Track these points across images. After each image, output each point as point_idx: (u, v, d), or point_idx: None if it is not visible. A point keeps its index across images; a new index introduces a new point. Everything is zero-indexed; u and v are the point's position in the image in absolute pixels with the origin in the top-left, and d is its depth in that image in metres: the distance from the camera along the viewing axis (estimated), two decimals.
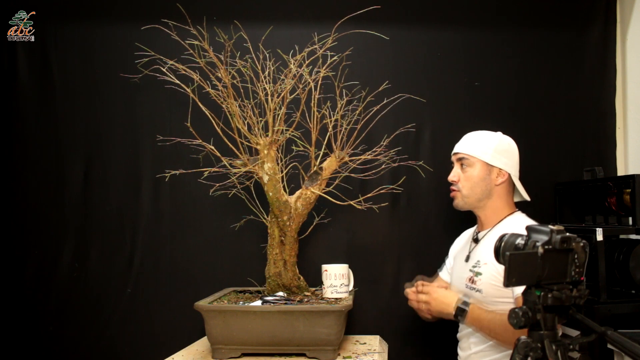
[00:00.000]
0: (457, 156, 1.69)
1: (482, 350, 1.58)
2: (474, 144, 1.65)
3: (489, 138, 1.66)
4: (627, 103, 2.09)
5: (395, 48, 2.05)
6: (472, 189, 1.64)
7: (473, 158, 1.64)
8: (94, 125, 2.05)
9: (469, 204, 1.67)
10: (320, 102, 1.77)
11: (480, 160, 1.63)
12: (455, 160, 1.70)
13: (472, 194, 1.65)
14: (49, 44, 2.05)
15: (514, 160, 1.66)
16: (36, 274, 2.02)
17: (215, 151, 1.77)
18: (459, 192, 1.67)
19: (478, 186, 1.64)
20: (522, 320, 0.94)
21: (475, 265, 1.61)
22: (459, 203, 1.68)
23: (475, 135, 1.68)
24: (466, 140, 1.69)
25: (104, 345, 2.01)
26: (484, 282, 1.55)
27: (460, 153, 1.67)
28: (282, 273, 1.76)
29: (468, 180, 1.65)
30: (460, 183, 1.66)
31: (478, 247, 1.65)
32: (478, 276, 1.58)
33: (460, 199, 1.67)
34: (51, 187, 2.03)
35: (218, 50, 1.73)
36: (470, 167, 1.64)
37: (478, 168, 1.63)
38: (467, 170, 1.65)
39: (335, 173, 1.80)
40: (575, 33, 2.11)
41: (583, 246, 0.94)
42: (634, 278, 1.67)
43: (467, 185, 1.65)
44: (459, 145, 1.70)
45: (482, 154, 1.63)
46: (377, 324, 2.00)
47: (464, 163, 1.65)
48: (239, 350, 1.58)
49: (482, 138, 1.66)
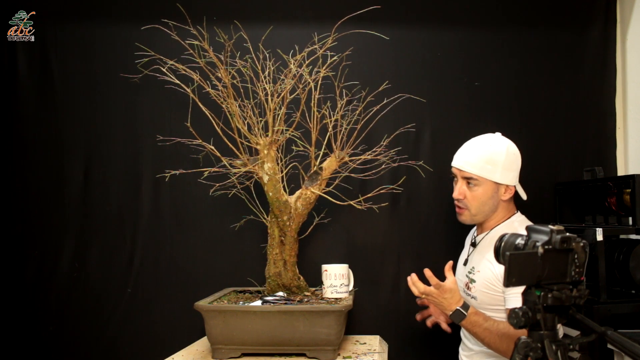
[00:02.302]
0: (462, 174, 1.60)
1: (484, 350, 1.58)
2: (481, 161, 1.55)
3: (496, 153, 1.55)
4: (627, 103, 2.09)
5: (395, 48, 2.05)
6: (480, 208, 1.58)
7: (482, 179, 1.56)
8: (94, 125, 2.05)
9: (476, 221, 1.62)
10: (320, 102, 1.77)
11: (488, 180, 1.56)
12: (460, 177, 1.61)
13: (480, 212, 1.59)
14: (49, 44, 2.05)
15: (519, 169, 1.61)
16: (36, 274, 2.02)
17: (215, 151, 1.77)
18: (467, 210, 1.60)
19: (486, 205, 1.58)
20: (522, 320, 0.93)
21: (470, 272, 1.61)
22: (466, 220, 1.62)
23: (480, 150, 1.57)
24: (471, 156, 1.58)
25: (104, 345, 2.01)
26: (478, 290, 1.55)
27: (467, 172, 1.57)
28: (282, 273, 1.76)
29: (476, 199, 1.57)
30: (467, 201, 1.59)
31: (475, 252, 1.64)
32: (472, 283, 1.58)
33: (468, 217, 1.61)
34: (51, 187, 2.03)
35: (218, 50, 1.73)
36: (478, 186, 1.56)
37: (486, 187, 1.56)
38: (475, 190, 1.57)
39: (335, 173, 1.80)
40: (575, 33, 2.10)
41: (583, 246, 0.94)
42: (634, 278, 1.67)
43: (475, 204, 1.58)
44: (464, 162, 1.59)
45: (491, 173, 1.54)
46: (377, 324, 2.00)
47: (471, 182, 1.57)
48: (239, 350, 1.58)
49: (489, 154, 1.55)
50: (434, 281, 1.49)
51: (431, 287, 1.49)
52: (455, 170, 1.63)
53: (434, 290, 1.48)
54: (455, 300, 1.48)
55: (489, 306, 1.52)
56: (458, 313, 1.47)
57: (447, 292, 1.47)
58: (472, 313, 1.47)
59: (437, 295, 1.48)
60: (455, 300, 1.48)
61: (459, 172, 1.61)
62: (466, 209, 1.60)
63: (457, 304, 1.47)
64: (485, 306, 1.53)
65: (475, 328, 1.46)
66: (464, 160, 1.59)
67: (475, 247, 1.65)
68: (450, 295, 1.47)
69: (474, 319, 1.46)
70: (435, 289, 1.48)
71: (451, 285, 1.48)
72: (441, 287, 1.47)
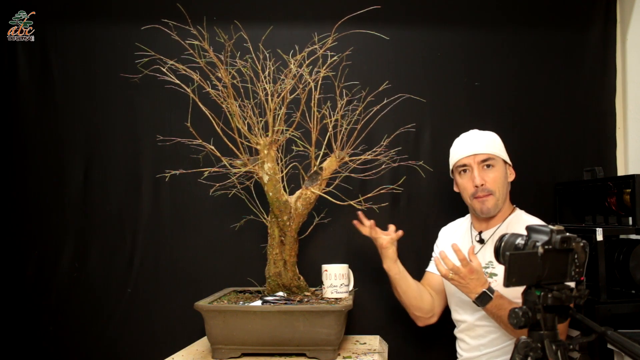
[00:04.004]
0: (478, 158, 1.60)
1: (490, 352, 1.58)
2: (491, 142, 1.60)
3: (494, 137, 1.64)
4: (627, 103, 2.08)
5: (395, 48, 2.05)
6: (502, 190, 1.59)
7: (497, 157, 1.59)
8: (94, 125, 2.05)
9: (499, 207, 1.61)
10: (320, 102, 1.77)
11: (501, 158, 1.60)
12: (476, 163, 1.60)
13: (502, 195, 1.59)
14: (49, 44, 2.05)
15: None
16: (36, 274, 2.02)
17: (215, 151, 1.77)
18: (492, 195, 1.59)
19: (505, 187, 1.61)
20: (522, 320, 0.94)
21: (487, 266, 1.60)
22: (492, 208, 1.60)
23: (482, 135, 1.65)
24: (479, 142, 1.62)
25: (104, 345, 2.01)
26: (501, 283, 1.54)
27: (484, 154, 1.59)
28: (282, 273, 1.76)
29: (497, 181, 1.58)
30: (489, 186, 1.58)
31: (487, 248, 1.64)
32: (492, 277, 1.57)
33: (493, 203, 1.59)
34: (51, 187, 2.03)
35: (218, 50, 1.73)
36: (495, 167, 1.59)
37: (501, 167, 1.61)
38: (494, 171, 1.58)
39: (335, 173, 1.80)
40: (575, 33, 2.10)
41: (583, 246, 0.94)
42: (634, 278, 1.67)
43: (497, 186, 1.58)
44: (476, 148, 1.61)
45: (501, 152, 1.60)
46: (377, 324, 2.00)
47: (490, 164, 1.59)
48: (239, 350, 1.58)
49: (491, 136, 1.63)
50: (461, 256, 1.45)
51: (459, 266, 1.45)
52: (467, 160, 1.62)
53: (462, 269, 1.45)
54: (481, 282, 1.46)
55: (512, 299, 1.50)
56: (484, 295, 1.45)
57: (475, 272, 1.45)
58: (498, 296, 1.46)
59: (465, 275, 1.45)
60: (481, 282, 1.46)
61: (473, 159, 1.61)
62: (491, 194, 1.59)
63: (483, 286, 1.46)
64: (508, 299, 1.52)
65: (501, 311, 1.45)
66: (475, 147, 1.61)
67: (485, 243, 1.64)
68: (477, 277, 1.45)
69: (499, 302, 1.46)
70: (463, 266, 1.45)
71: (478, 267, 1.46)
72: (468, 266, 1.45)
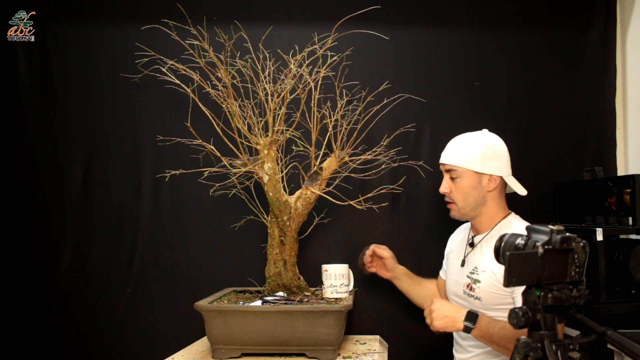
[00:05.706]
0: (444, 167, 1.63)
1: (481, 354, 1.58)
2: (459, 152, 1.58)
3: (474, 144, 1.58)
4: (627, 103, 2.08)
5: (395, 48, 2.05)
6: (465, 200, 1.59)
7: (461, 169, 1.57)
8: (94, 125, 2.05)
9: (465, 215, 1.63)
10: (320, 102, 1.77)
11: (468, 170, 1.57)
12: (444, 172, 1.64)
13: (467, 205, 1.59)
14: (49, 44, 2.05)
15: (504, 161, 1.59)
16: (36, 274, 2.02)
17: (215, 151, 1.77)
18: (454, 204, 1.62)
19: (470, 196, 1.58)
20: (522, 320, 0.94)
21: (472, 272, 1.59)
22: (456, 215, 1.64)
23: (460, 143, 1.61)
24: (451, 149, 1.62)
25: (104, 345, 2.01)
26: (483, 290, 1.53)
27: (447, 164, 1.61)
28: (282, 273, 1.76)
29: (459, 192, 1.59)
30: (453, 195, 1.61)
31: (474, 253, 1.63)
32: (476, 284, 1.56)
33: (457, 212, 1.63)
34: (51, 187, 2.03)
35: (218, 50, 1.73)
36: (460, 177, 1.58)
37: (468, 178, 1.57)
38: (457, 182, 1.59)
39: (335, 173, 1.80)
40: (575, 33, 2.10)
41: (583, 246, 0.94)
42: (634, 278, 1.67)
43: (460, 197, 1.59)
44: (445, 155, 1.63)
45: (470, 163, 1.56)
46: (377, 324, 2.00)
47: (452, 175, 1.60)
48: (239, 350, 1.58)
49: (467, 145, 1.58)
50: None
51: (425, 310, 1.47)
52: (440, 168, 1.67)
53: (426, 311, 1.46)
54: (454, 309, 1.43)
55: (494, 306, 1.51)
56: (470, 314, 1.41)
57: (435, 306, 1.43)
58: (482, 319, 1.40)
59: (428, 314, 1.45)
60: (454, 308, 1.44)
61: (442, 167, 1.65)
62: (453, 203, 1.62)
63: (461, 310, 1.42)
64: (490, 306, 1.51)
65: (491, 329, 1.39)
66: (445, 154, 1.64)
67: (474, 248, 1.63)
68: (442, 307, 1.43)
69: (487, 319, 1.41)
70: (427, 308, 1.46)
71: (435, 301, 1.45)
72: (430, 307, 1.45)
